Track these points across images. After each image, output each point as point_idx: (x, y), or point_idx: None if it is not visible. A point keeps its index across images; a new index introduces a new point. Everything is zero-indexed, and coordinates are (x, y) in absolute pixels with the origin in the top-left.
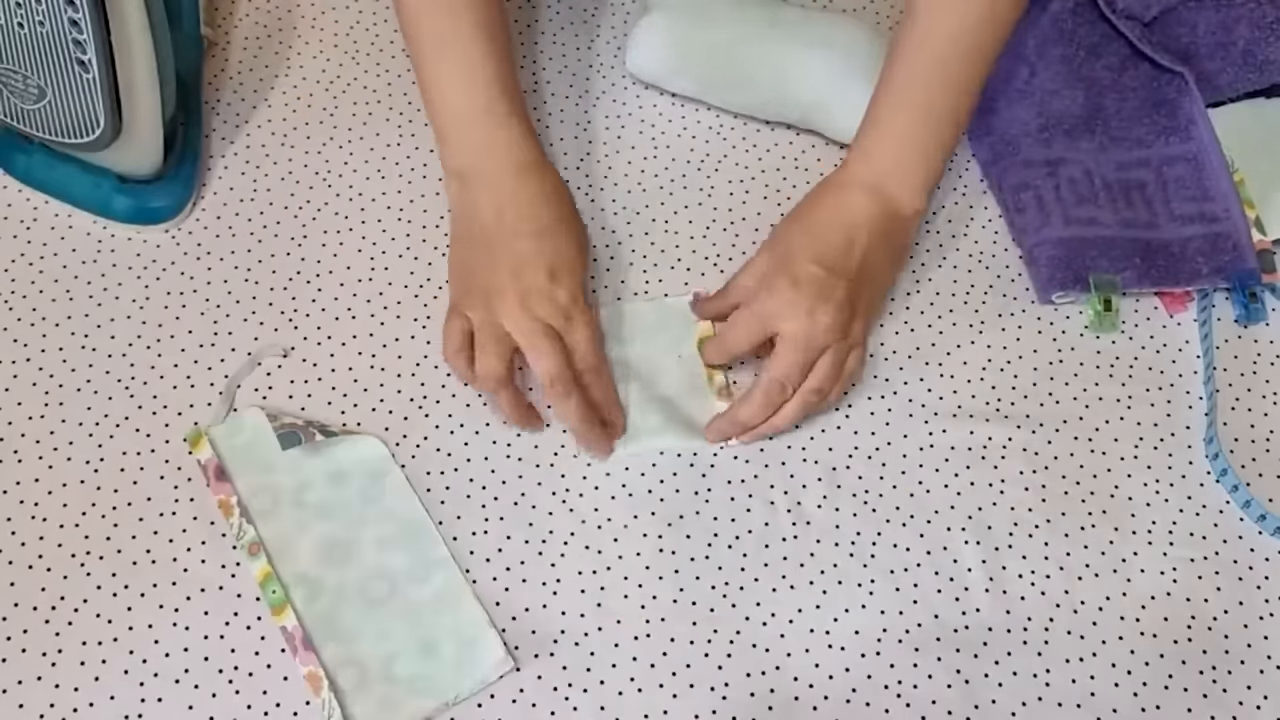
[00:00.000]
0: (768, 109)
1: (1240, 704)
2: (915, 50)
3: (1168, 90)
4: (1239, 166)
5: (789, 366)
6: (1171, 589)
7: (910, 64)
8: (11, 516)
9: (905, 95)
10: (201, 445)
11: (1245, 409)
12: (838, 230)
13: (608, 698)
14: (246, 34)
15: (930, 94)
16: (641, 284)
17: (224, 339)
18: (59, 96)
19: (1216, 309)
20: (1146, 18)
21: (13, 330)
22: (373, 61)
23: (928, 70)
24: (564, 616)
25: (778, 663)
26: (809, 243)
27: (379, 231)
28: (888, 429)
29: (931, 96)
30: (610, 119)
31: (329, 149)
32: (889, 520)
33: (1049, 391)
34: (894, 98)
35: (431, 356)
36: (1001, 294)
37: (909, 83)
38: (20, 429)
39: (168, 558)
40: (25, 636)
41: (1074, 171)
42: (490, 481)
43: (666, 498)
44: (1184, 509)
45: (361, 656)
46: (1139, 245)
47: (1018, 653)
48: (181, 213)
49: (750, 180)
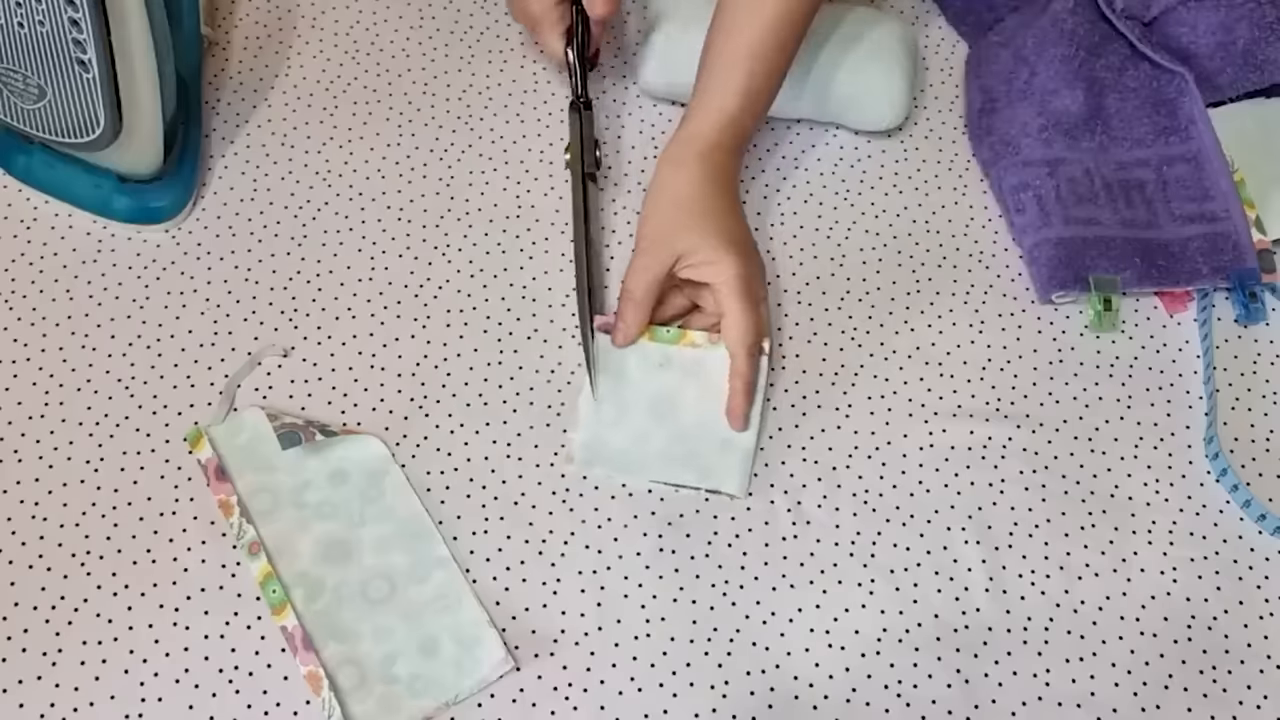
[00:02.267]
0: (786, 108)
1: (1240, 704)
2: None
3: (1168, 90)
4: (1239, 166)
5: (752, 325)
6: (1171, 589)
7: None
8: (11, 516)
9: (729, 75)
10: (201, 445)
11: (1245, 409)
12: (719, 197)
13: (608, 698)
14: (246, 34)
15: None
16: None
17: (224, 339)
18: (59, 96)
19: (1216, 309)
20: (1146, 18)
21: (13, 330)
22: (373, 61)
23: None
24: (564, 616)
25: (778, 662)
26: (730, 214)
27: (379, 231)
28: (888, 429)
29: (753, 78)
30: (610, 119)
31: (329, 149)
32: (889, 520)
33: (1049, 391)
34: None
35: (431, 356)
36: (1001, 294)
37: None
38: (20, 429)
39: (168, 558)
40: (25, 636)
41: (1074, 171)
42: (490, 481)
43: (667, 497)
44: (1184, 509)
45: (361, 656)
46: (1139, 245)
47: (1018, 653)
48: (181, 213)
49: (750, 180)
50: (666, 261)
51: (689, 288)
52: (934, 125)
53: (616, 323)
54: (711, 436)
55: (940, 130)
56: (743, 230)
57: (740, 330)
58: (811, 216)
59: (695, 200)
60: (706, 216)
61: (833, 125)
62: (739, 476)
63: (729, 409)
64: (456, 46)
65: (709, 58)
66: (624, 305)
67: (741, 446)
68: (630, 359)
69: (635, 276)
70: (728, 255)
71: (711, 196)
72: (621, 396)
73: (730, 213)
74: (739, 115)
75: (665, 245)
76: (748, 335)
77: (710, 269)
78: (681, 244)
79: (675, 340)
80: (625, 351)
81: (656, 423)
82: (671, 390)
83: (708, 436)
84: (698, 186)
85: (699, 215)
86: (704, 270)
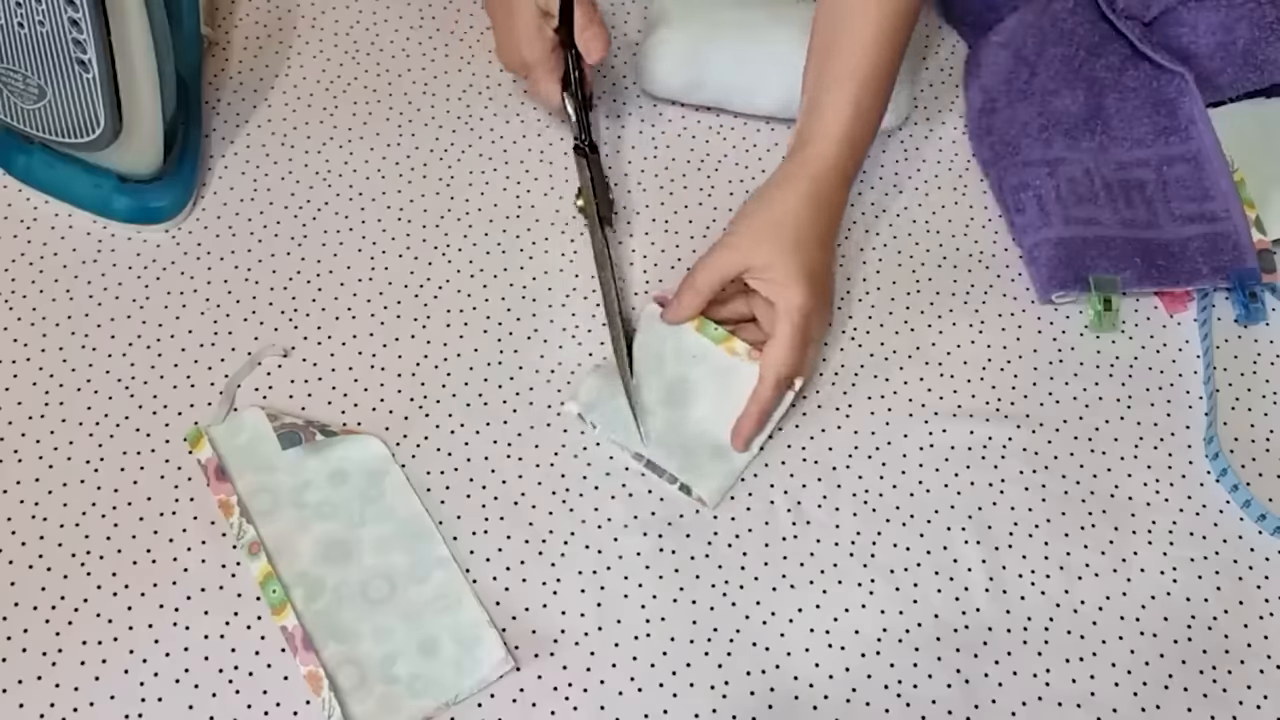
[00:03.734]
0: (789, 108)
1: (1240, 704)
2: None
3: (1168, 90)
4: (1239, 166)
5: (793, 359)
6: (1171, 589)
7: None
8: (11, 516)
9: (844, 85)
10: (201, 445)
11: (1245, 409)
12: (815, 225)
13: (608, 698)
14: (246, 34)
15: (863, 83)
16: (642, 284)
17: (224, 339)
18: (59, 96)
19: (1216, 309)
20: (1146, 18)
21: (13, 330)
22: (373, 61)
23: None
24: (564, 616)
25: (778, 662)
26: (820, 248)
27: (379, 231)
28: (888, 429)
29: (863, 85)
30: (610, 119)
31: (329, 149)
32: (889, 520)
33: (1049, 391)
34: (833, 88)
35: (431, 356)
36: (1001, 294)
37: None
38: (20, 429)
39: (168, 558)
40: (25, 636)
41: (1074, 171)
42: (490, 481)
43: (667, 497)
44: (1184, 509)
45: (361, 656)
46: (1139, 245)
47: (1018, 653)
48: (181, 213)
49: (750, 180)
50: (739, 266)
51: (754, 298)
52: (934, 125)
53: (673, 301)
54: (709, 440)
55: (940, 130)
56: (825, 266)
57: (778, 359)
58: None
59: (791, 219)
60: (795, 240)
61: None
62: (718, 487)
63: (737, 427)
64: (456, 46)
65: (815, 80)
66: (684, 288)
67: (732, 462)
68: (670, 339)
69: (705, 268)
70: (798, 284)
71: (808, 224)
72: (645, 368)
73: (820, 245)
74: (855, 137)
75: (744, 251)
76: (783, 366)
77: (777, 290)
78: (760, 256)
79: (719, 340)
80: (668, 331)
81: (665, 405)
82: (694, 383)
83: (706, 439)
84: (800, 207)
85: (789, 235)
86: (771, 289)
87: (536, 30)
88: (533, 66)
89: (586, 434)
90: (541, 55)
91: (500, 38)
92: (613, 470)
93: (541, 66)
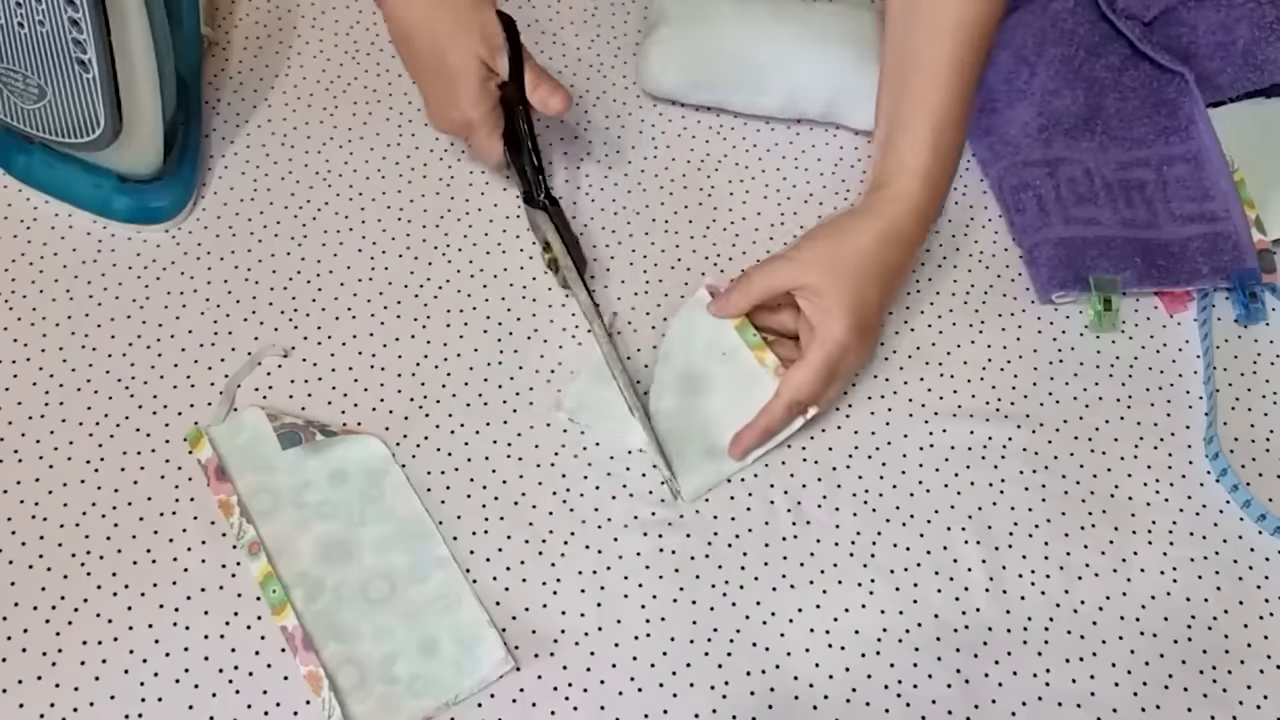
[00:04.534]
0: (789, 108)
1: (1240, 704)
2: (930, 49)
3: (1168, 90)
4: (1239, 166)
5: (814, 387)
6: (1171, 589)
7: (928, 68)
8: (11, 516)
9: (925, 101)
10: (201, 445)
11: (1245, 409)
12: (880, 263)
13: (608, 698)
14: (246, 34)
15: (948, 99)
16: (642, 284)
17: (224, 339)
18: (59, 96)
19: (1216, 309)
20: (1146, 17)
21: (13, 330)
22: (373, 61)
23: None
24: (564, 616)
25: (778, 662)
26: (877, 288)
27: (379, 231)
28: (888, 429)
29: (949, 101)
30: (610, 119)
31: (329, 149)
32: (889, 520)
33: (1049, 391)
34: (916, 104)
35: (431, 356)
36: (1001, 294)
37: (929, 88)
38: (20, 429)
39: (168, 558)
40: (25, 636)
41: (1074, 171)
42: (490, 481)
43: (667, 498)
44: (1184, 509)
45: (361, 656)
46: (1139, 245)
47: (1018, 653)
48: (181, 213)
49: (750, 180)
50: (793, 281)
51: (801, 316)
52: None
53: (722, 295)
54: (708, 438)
55: None
56: (877, 307)
57: (799, 382)
58: (811, 217)
59: (855, 251)
60: (854, 272)
61: (833, 125)
62: (700, 484)
63: (739, 436)
64: None
65: (889, 116)
66: (737, 286)
67: (721, 465)
68: (707, 329)
69: (762, 274)
70: (843, 318)
71: (872, 260)
72: (675, 346)
73: (879, 285)
74: (935, 177)
75: (803, 268)
76: (802, 390)
77: (821, 316)
78: (815, 277)
79: (753, 346)
80: (708, 321)
81: (676, 390)
82: (713, 379)
83: (705, 436)
84: (868, 242)
85: (849, 267)
86: (816, 313)
87: (479, 86)
88: (477, 125)
89: (586, 434)
90: (485, 112)
91: (434, 99)
92: (613, 470)
93: (485, 124)
